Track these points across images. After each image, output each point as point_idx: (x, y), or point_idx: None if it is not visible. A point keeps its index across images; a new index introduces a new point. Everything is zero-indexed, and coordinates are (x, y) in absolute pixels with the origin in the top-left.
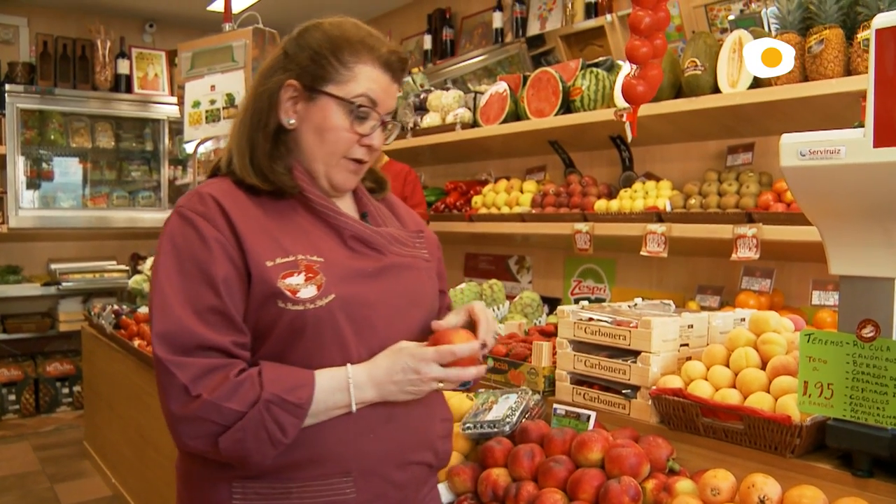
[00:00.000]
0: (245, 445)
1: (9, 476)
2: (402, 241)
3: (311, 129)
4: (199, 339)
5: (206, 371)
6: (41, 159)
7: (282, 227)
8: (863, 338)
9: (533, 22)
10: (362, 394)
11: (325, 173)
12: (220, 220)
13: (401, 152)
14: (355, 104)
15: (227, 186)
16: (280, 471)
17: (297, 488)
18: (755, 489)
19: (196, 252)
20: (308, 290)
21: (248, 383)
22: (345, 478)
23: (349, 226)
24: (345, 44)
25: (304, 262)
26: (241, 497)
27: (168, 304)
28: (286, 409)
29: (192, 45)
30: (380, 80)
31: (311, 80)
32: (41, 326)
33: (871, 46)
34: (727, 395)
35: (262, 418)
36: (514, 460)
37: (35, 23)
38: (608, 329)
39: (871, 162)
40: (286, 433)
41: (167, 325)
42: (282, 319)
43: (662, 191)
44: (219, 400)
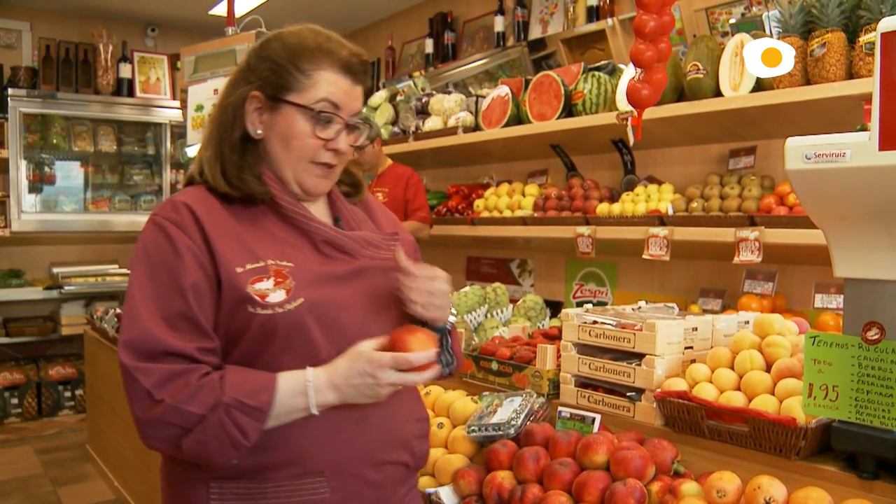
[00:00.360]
0: (207, 447)
1: (11, 479)
2: (376, 244)
3: (277, 138)
4: (164, 346)
5: (170, 376)
6: (43, 163)
7: (253, 233)
8: (868, 340)
9: (534, 25)
10: (322, 397)
11: (295, 179)
12: (192, 228)
13: (403, 156)
14: (316, 110)
15: (200, 194)
16: (255, 471)
17: (273, 488)
18: (761, 491)
19: (167, 259)
20: (277, 294)
21: (209, 387)
22: (319, 478)
23: (320, 231)
24: (303, 51)
25: (273, 267)
26: (219, 497)
27: (136, 310)
28: (246, 412)
29: (195, 49)
30: (340, 83)
31: (273, 90)
32: (43, 330)
33: (877, 50)
34: (732, 397)
35: (222, 421)
36: (520, 463)
37: (37, 27)
38: (612, 332)
39: (876, 165)
40: (247, 436)
41: (133, 333)
42: (252, 324)
43: (664, 194)
44: (180, 403)
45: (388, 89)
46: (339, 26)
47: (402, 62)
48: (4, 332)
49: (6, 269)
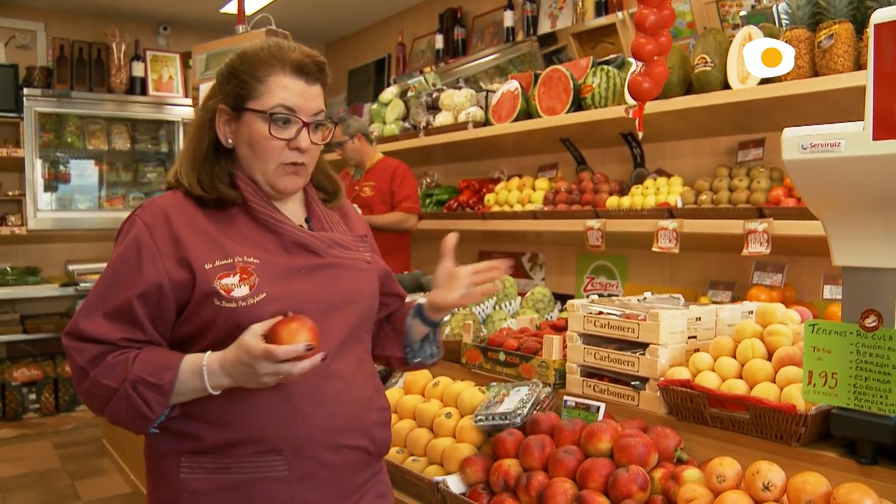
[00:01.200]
0: (120, 416)
1: (31, 473)
2: (344, 244)
3: (244, 144)
4: (94, 334)
5: (97, 354)
6: (58, 162)
7: (225, 233)
8: (866, 327)
9: (543, 20)
10: (215, 379)
11: (266, 181)
12: (161, 231)
13: (414, 151)
14: (269, 113)
15: (177, 198)
16: (220, 447)
17: (235, 464)
18: (759, 476)
19: (129, 260)
20: (241, 289)
21: (122, 364)
22: (277, 456)
23: (288, 231)
24: (256, 60)
25: (240, 263)
26: (188, 470)
27: (88, 299)
28: (149, 388)
29: (206, 47)
30: (292, 86)
31: (235, 100)
32: (60, 326)
33: (870, 41)
34: (734, 385)
35: (129, 395)
36: (525, 451)
37: (52, 27)
38: (617, 322)
39: (870, 154)
40: (152, 409)
41: (77, 318)
42: (219, 316)
43: (673, 187)
44: (98, 377)
45: (398, 85)
46: (348, 22)
47: (413, 58)
48: (22, 328)
49: (23, 266)
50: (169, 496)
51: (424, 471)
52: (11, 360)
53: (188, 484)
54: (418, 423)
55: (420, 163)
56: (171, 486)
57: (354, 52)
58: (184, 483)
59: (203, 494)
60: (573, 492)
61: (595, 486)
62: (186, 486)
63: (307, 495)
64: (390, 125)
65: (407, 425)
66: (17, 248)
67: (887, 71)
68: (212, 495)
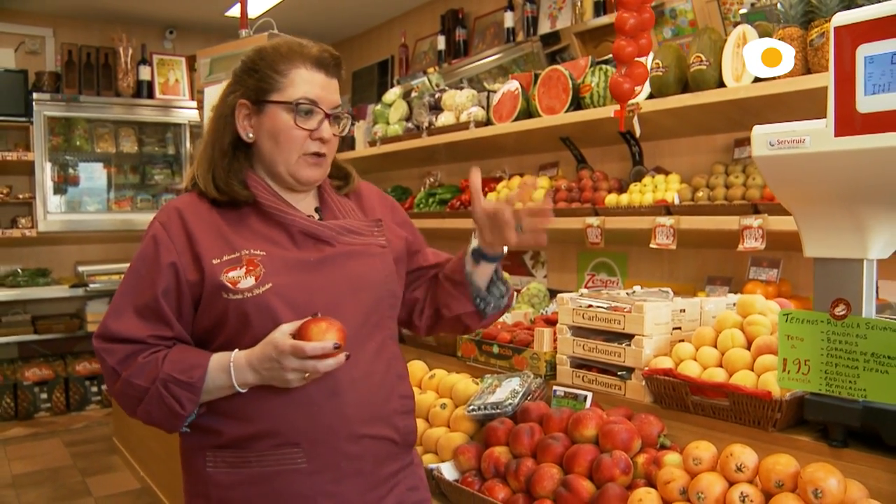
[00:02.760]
0: (152, 415)
1: (43, 470)
2: (356, 230)
3: (267, 137)
4: (124, 333)
5: (127, 355)
6: (67, 165)
7: (235, 229)
8: (835, 316)
9: (543, 21)
10: (243, 376)
11: (289, 172)
12: (176, 230)
13: (417, 151)
14: (294, 103)
15: (192, 199)
16: (241, 441)
17: (256, 457)
18: (733, 458)
19: (149, 259)
20: (247, 281)
21: (152, 364)
22: (295, 448)
23: (296, 222)
24: (277, 55)
25: (246, 256)
26: (213, 464)
27: (114, 301)
28: (180, 385)
29: (211, 51)
30: (314, 79)
31: (257, 94)
32: (70, 327)
33: (831, 43)
34: (714, 373)
35: (160, 394)
36: (515, 438)
37: (60, 33)
38: (604, 314)
39: (833, 150)
40: (184, 406)
41: (105, 321)
42: (229, 309)
43: (671, 184)
44: (130, 377)
45: (402, 86)
46: (351, 25)
47: (415, 59)
48: (33, 329)
49: (33, 268)
50: (201, 490)
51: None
52: (23, 361)
53: (215, 478)
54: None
55: (423, 163)
56: (202, 479)
57: (358, 54)
58: (211, 477)
59: (229, 487)
60: (559, 476)
61: (580, 471)
62: (213, 479)
63: (330, 487)
64: (394, 126)
65: None
66: (27, 249)
67: (846, 70)
68: (237, 488)
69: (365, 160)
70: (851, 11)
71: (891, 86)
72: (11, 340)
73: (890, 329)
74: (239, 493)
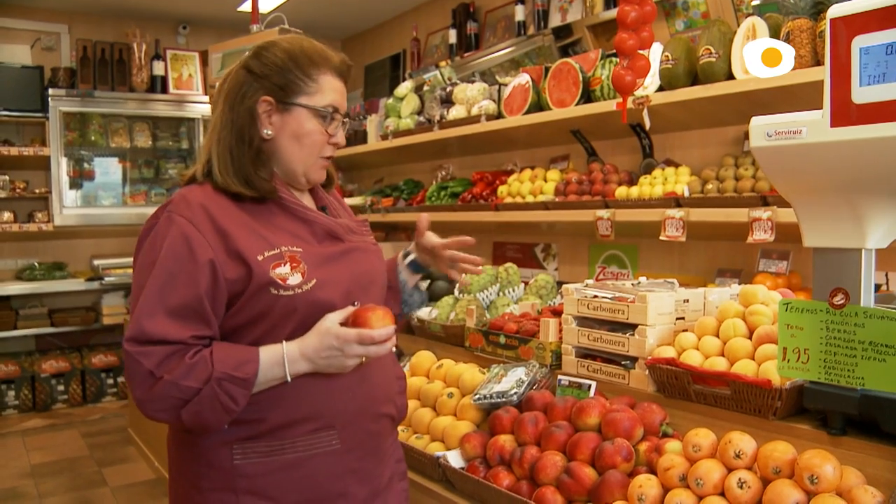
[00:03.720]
0: (203, 415)
1: (61, 460)
2: (354, 229)
3: (289, 137)
4: (163, 335)
5: (166, 356)
6: (83, 159)
7: (263, 225)
8: (834, 305)
9: (554, 14)
10: (296, 367)
11: (304, 173)
12: (206, 225)
13: (429, 145)
14: (324, 111)
15: (209, 192)
16: (275, 430)
17: (290, 444)
18: (731, 445)
19: (183, 257)
20: (294, 277)
21: (202, 364)
22: (331, 431)
23: (318, 220)
24: (306, 59)
25: (287, 253)
26: (242, 457)
27: (145, 300)
28: (235, 382)
29: (222, 46)
30: (338, 87)
31: (284, 94)
32: (86, 320)
33: (827, 35)
34: (716, 363)
35: (215, 393)
36: (520, 426)
37: (75, 29)
38: (609, 304)
39: (829, 141)
40: (237, 402)
41: (139, 323)
42: (276, 304)
43: (681, 177)
44: (178, 379)
45: (413, 80)
46: (363, 19)
47: (427, 53)
48: (50, 322)
49: (50, 261)
50: (223, 484)
51: (427, 447)
52: (40, 353)
53: (243, 469)
54: (422, 402)
55: (435, 156)
56: (225, 474)
57: (371, 48)
58: (238, 469)
59: (259, 476)
60: (562, 464)
61: (583, 458)
62: (241, 471)
63: (356, 464)
64: (406, 119)
65: (412, 405)
66: (44, 243)
67: (842, 62)
68: (267, 476)
69: (377, 153)
70: (847, 3)
71: (886, 76)
72: (29, 333)
73: (888, 318)
74: (269, 481)
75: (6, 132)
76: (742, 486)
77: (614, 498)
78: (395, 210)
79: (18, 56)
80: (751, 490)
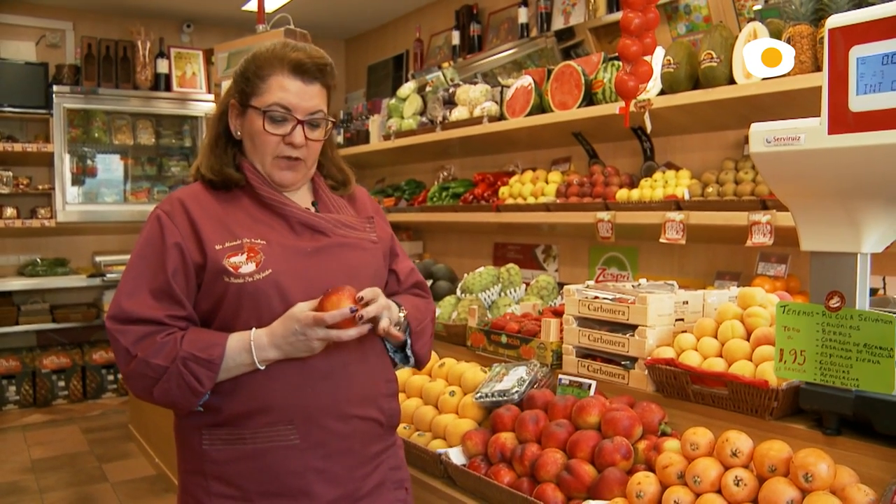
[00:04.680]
0: (171, 393)
1: (61, 455)
2: (350, 224)
3: (247, 137)
4: (139, 314)
5: (142, 336)
6: (85, 156)
7: (235, 216)
8: (830, 308)
9: (557, 16)
10: (263, 353)
11: (266, 172)
12: (180, 217)
13: (431, 145)
14: (265, 111)
15: (195, 189)
16: (236, 419)
17: (250, 434)
18: (728, 443)
19: (156, 243)
20: (248, 266)
21: (171, 343)
22: (289, 425)
23: (294, 214)
24: (261, 60)
25: (248, 244)
26: (209, 442)
27: (124, 285)
28: (200, 363)
29: (228, 46)
30: (290, 86)
31: (242, 97)
32: (87, 316)
33: (825, 45)
34: (714, 363)
35: (180, 371)
36: (521, 425)
37: (80, 26)
38: (609, 305)
39: (826, 147)
40: (202, 384)
41: (118, 303)
42: (228, 291)
43: (682, 180)
44: (148, 357)
45: (416, 80)
46: (367, 19)
47: (430, 54)
48: (51, 318)
49: (52, 257)
50: (196, 466)
51: (429, 444)
52: (41, 349)
53: (211, 454)
54: (424, 400)
55: (437, 157)
56: (197, 457)
57: (374, 48)
58: (207, 454)
59: (224, 463)
60: (563, 461)
61: (583, 456)
62: (209, 456)
63: (319, 463)
64: (408, 120)
65: (414, 403)
66: (46, 240)
67: (839, 71)
68: (232, 464)
69: (379, 154)
70: (845, 14)
71: (881, 86)
72: (30, 329)
73: (882, 321)
74: (234, 469)
75: (10, 128)
76: (738, 483)
77: (613, 494)
78: (396, 210)
79: (23, 53)
80: (747, 487)
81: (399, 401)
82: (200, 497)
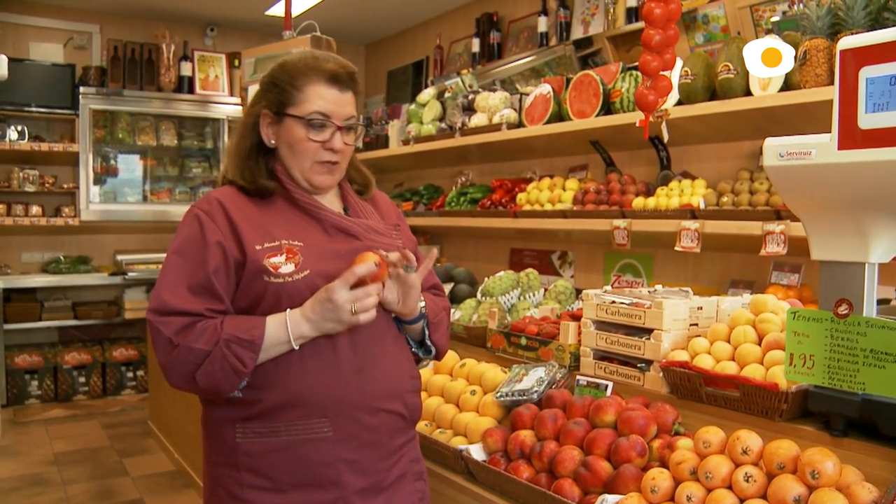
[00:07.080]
0: (214, 376)
1: (82, 449)
2: (380, 230)
3: (285, 145)
4: (181, 307)
5: (184, 326)
6: (109, 156)
7: (272, 220)
8: (838, 314)
9: (576, 26)
10: (298, 328)
11: (304, 177)
12: (220, 217)
13: (449, 151)
14: (307, 119)
15: (230, 191)
16: (270, 412)
17: (285, 427)
18: (739, 442)
19: (196, 241)
20: (287, 266)
21: (212, 328)
22: (323, 418)
23: (329, 217)
24: (295, 70)
25: (286, 245)
26: (242, 435)
27: (166, 280)
28: (242, 345)
29: (255, 51)
30: (327, 94)
31: (277, 106)
32: (108, 314)
33: (837, 64)
34: (726, 366)
35: (223, 354)
36: (540, 423)
37: (106, 29)
38: (626, 310)
39: (836, 162)
40: (245, 364)
41: (160, 296)
42: (268, 291)
43: (697, 189)
44: (190, 343)
45: (436, 87)
46: (388, 25)
47: (450, 60)
48: (73, 315)
49: (75, 255)
50: (228, 459)
51: (450, 441)
52: (63, 345)
53: (244, 447)
54: (446, 399)
55: (455, 162)
56: (229, 450)
57: (394, 54)
58: (240, 447)
59: (257, 455)
60: (580, 458)
61: (599, 453)
62: (243, 449)
63: (350, 454)
64: (427, 125)
65: (435, 401)
66: (70, 238)
67: (849, 90)
68: (265, 456)
69: (398, 158)
70: (856, 36)
71: (889, 105)
72: (53, 325)
73: (888, 328)
74: (267, 461)
75: (37, 128)
76: (748, 479)
77: (629, 490)
78: (414, 214)
79: (51, 54)
80: (756, 484)
81: (421, 398)
82: (233, 489)
